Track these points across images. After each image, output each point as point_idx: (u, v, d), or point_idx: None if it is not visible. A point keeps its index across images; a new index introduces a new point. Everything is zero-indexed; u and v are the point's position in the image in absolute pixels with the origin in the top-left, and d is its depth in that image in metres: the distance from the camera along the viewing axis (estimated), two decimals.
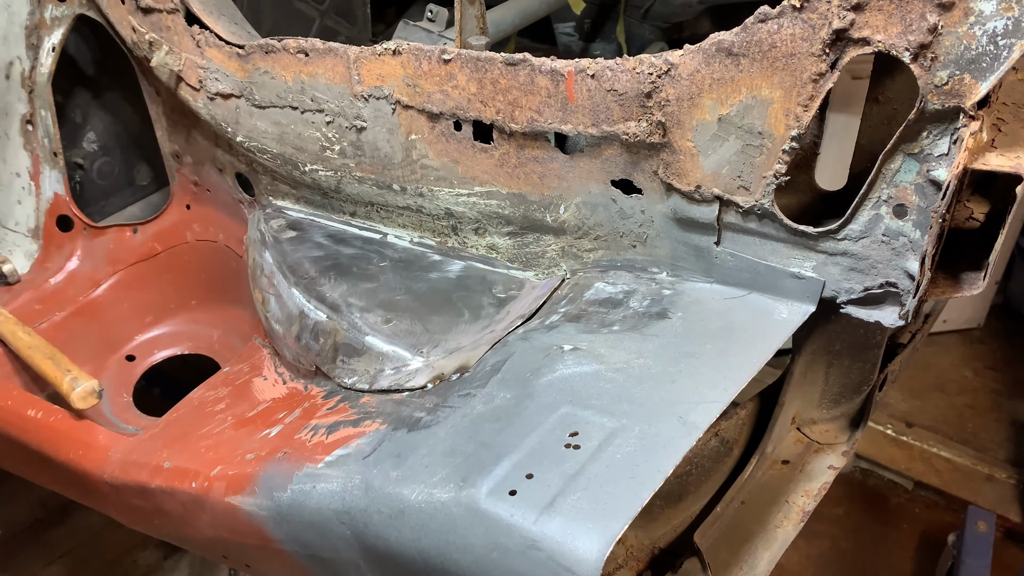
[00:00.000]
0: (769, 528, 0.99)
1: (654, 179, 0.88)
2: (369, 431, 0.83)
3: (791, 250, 0.83)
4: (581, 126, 0.87)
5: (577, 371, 0.80)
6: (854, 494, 2.51)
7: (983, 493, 2.41)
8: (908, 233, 0.75)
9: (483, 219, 1.05)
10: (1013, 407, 2.67)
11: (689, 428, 0.70)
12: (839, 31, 0.69)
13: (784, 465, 1.06)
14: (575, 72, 0.85)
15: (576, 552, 0.61)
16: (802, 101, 0.73)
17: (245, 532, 0.88)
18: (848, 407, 1.06)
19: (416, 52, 0.95)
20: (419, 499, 0.71)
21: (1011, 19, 0.63)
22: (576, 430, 0.72)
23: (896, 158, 0.73)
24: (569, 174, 0.94)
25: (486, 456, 0.72)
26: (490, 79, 0.91)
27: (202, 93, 1.23)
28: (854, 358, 0.99)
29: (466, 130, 0.97)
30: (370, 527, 0.75)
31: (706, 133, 0.80)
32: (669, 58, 0.79)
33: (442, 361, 0.91)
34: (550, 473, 0.68)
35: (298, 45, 1.07)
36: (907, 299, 0.79)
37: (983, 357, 2.87)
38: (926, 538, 2.35)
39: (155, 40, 1.21)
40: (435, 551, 0.69)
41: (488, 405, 0.80)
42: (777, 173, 0.78)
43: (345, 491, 0.77)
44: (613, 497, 0.64)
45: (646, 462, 0.67)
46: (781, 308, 0.85)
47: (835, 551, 2.34)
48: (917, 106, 0.69)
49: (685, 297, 0.90)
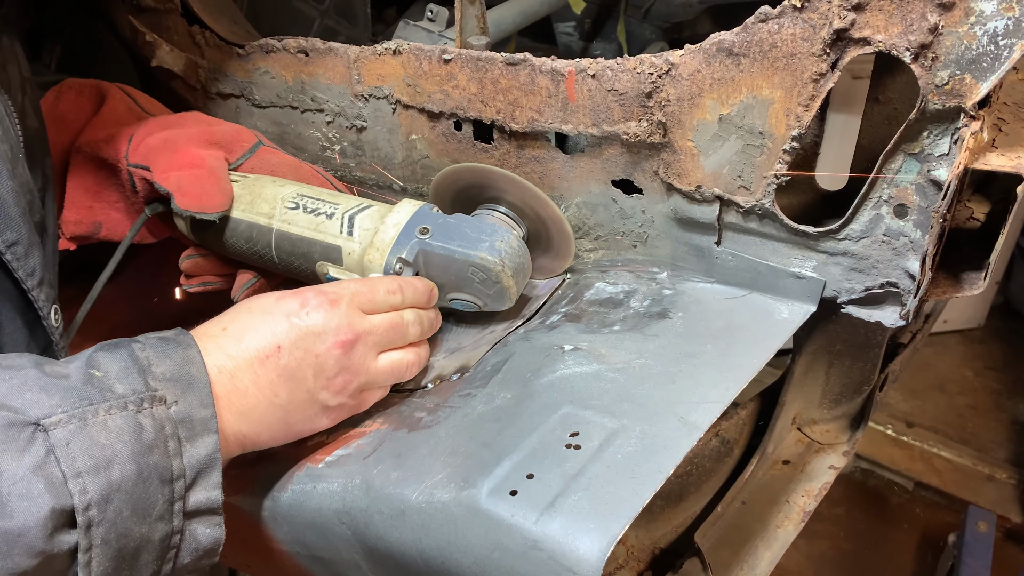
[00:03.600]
0: (770, 528, 0.99)
1: (655, 179, 0.88)
2: (370, 431, 0.83)
3: (792, 250, 0.83)
4: (582, 126, 0.87)
5: (578, 371, 0.80)
6: (854, 494, 2.51)
7: (983, 493, 2.41)
8: (909, 233, 0.75)
9: None
10: (1013, 407, 2.67)
11: (690, 428, 0.70)
12: (840, 31, 0.69)
13: (785, 465, 1.06)
14: (576, 72, 0.85)
15: (577, 552, 0.61)
16: (803, 101, 0.73)
17: (245, 532, 0.88)
18: (849, 407, 1.06)
19: (416, 52, 0.95)
20: (420, 499, 0.71)
21: (1012, 19, 0.63)
22: (577, 430, 0.72)
23: (897, 158, 0.73)
24: (570, 174, 0.94)
25: (487, 456, 0.72)
26: (490, 79, 0.91)
27: (202, 93, 1.23)
28: (855, 358, 0.99)
29: (466, 130, 0.97)
30: (371, 527, 0.74)
31: (707, 133, 0.80)
32: (670, 58, 0.79)
33: (443, 361, 0.91)
34: (551, 473, 0.68)
35: (298, 45, 1.07)
36: (908, 299, 0.79)
37: (983, 357, 2.87)
38: (926, 538, 2.35)
39: (155, 40, 1.21)
40: (436, 551, 0.69)
41: (489, 405, 0.80)
42: (778, 173, 0.78)
43: (346, 491, 0.77)
44: (614, 497, 0.64)
45: (647, 462, 0.67)
46: (782, 308, 0.85)
47: (835, 551, 2.34)
48: (918, 106, 0.69)
49: (686, 297, 0.90)
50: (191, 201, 0.90)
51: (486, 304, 0.90)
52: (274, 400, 0.73)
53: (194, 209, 0.90)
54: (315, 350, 0.75)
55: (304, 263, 0.92)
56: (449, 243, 0.87)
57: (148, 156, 0.93)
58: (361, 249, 0.89)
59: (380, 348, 0.81)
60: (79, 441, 0.59)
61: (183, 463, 0.64)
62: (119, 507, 0.60)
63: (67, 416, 0.59)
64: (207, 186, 0.92)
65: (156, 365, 0.66)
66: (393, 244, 0.88)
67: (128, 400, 0.63)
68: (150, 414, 0.63)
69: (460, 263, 0.87)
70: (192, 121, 0.99)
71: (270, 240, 0.93)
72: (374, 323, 0.80)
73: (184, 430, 0.65)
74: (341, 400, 0.78)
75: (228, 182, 0.95)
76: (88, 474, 0.58)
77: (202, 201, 0.91)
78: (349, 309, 0.78)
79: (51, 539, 0.56)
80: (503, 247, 0.87)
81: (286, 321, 0.74)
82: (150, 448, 0.62)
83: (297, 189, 0.95)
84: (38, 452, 0.57)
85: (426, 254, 0.87)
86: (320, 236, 0.90)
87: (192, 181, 0.91)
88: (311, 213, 0.91)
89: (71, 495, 0.57)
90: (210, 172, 0.93)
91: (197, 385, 0.67)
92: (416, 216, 0.89)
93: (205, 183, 0.92)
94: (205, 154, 0.94)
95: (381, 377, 0.82)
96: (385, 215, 0.90)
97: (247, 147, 0.99)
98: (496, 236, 0.87)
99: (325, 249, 0.90)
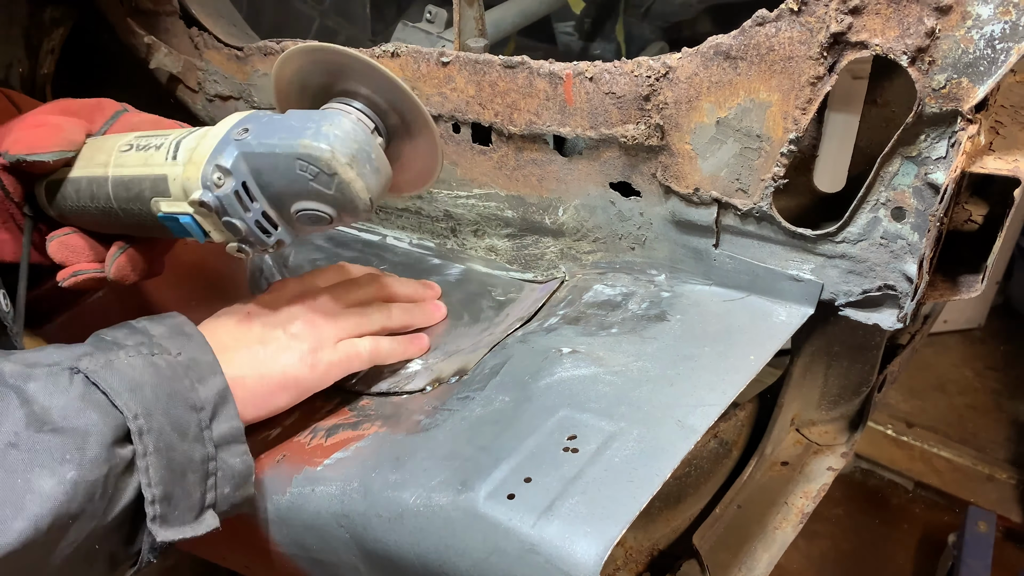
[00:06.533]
0: (768, 530, 0.99)
1: (652, 182, 0.88)
2: (368, 434, 0.84)
3: (789, 252, 0.83)
4: (579, 129, 0.87)
5: (575, 374, 0.80)
6: (854, 495, 2.51)
7: (983, 493, 2.41)
8: (906, 236, 0.75)
9: (482, 221, 1.05)
10: (1013, 407, 2.67)
11: (687, 431, 0.71)
12: (837, 35, 0.69)
13: (783, 466, 1.06)
14: (573, 75, 0.85)
15: (575, 555, 0.61)
16: (800, 104, 0.73)
17: (244, 534, 0.88)
18: (847, 408, 1.06)
19: (414, 54, 0.95)
20: (418, 502, 0.71)
21: (1008, 23, 0.63)
22: (574, 433, 0.72)
23: (894, 161, 0.73)
24: (568, 176, 0.94)
25: (485, 459, 0.72)
26: (488, 81, 0.91)
27: (201, 95, 1.23)
28: (853, 360, 0.99)
29: (464, 132, 0.97)
30: (369, 530, 0.75)
31: (704, 136, 0.80)
32: (667, 61, 0.79)
33: (441, 364, 0.92)
34: (548, 476, 0.68)
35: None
36: (905, 302, 0.79)
37: (983, 357, 2.87)
38: (926, 538, 2.35)
39: (153, 42, 1.21)
40: (434, 555, 0.70)
41: (487, 408, 0.80)
42: (775, 176, 0.78)
43: (344, 494, 0.77)
44: (611, 500, 0.64)
45: (644, 465, 0.67)
46: (780, 310, 0.85)
47: (835, 551, 2.34)
48: (915, 109, 0.69)
49: (684, 299, 0.90)
50: (22, 147, 0.82)
51: (337, 210, 0.77)
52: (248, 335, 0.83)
53: (24, 151, 0.82)
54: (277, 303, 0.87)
55: (140, 206, 0.81)
56: (269, 138, 0.74)
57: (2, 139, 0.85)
58: (182, 170, 0.78)
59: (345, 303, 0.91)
60: (111, 374, 0.68)
61: (200, 398, 0.72)
62: (161, 422, 0.68)
63: (94, 360, 0.68)
64: (44, 133, 0.84)
65: (152, 329, 0.75)
66: (210, 153, 0.76)
67: (140, 348, 0.71)
68: (163, 359, 0.71)
69: (284, 158, 0.74)
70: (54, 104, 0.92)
71: (107, 190, 0.83)
72: None
73: (194, 373, 0.72)
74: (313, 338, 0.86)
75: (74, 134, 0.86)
76: (127, 393, 0.67)
77: (32, 144, 0.83)
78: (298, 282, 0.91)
79: (112, 449, 0.65)
80: (331, 131, 0.74)
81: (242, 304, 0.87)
82: (171, 380, 0.70)
83: (137, 134, 0.84)
84: (79, 386, 0.66)
85: (248, 156, 0.75)
86: (149, 170, 0.80)
87: (30, 132, 0.84)
88: (142, 150, 0.81)
89: (119, 410, 0.66)
90: (51, 126, 0.85)
91: (194, 339, 0.76)
92: (240, 122, 0.77)
93: (41, 132, 0.84)
94: (57, 120, 0.86)
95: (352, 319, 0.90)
96: (211, 129, 0.79)
97: (108, 115, 0.91)
98: (324, 121, 0.75)
99: (154, 182, 0.79)
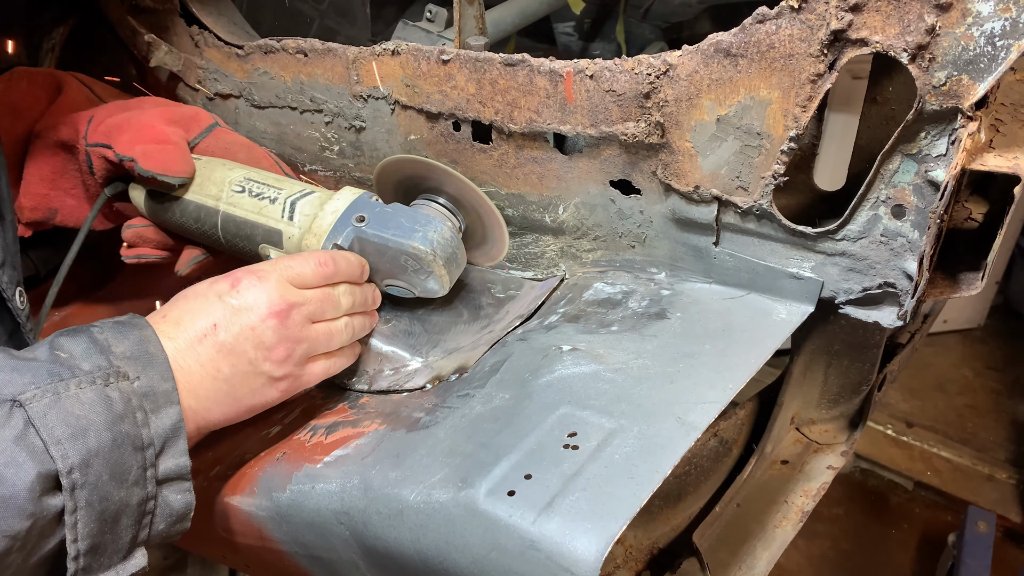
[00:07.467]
0: (768, 528, 0.99)
1: (653, 180, 0.88)
2: (368, 431, 0.84)
3: (790, 250, 0.83)
4: (580, 127, 0.87)
5: (575, 371, 0.80)
6: (854, 494, 2.51)
7: (983, 493, 2.41)
8: (906, 234, 0.75)
9: None
10: (1013, 407, 2.67)
11: (688, 428, 0.71)
12: (837, 32, 0.69)
13: (783, 465, 1.06)
14: (574, 72, 0.85)
15: (575, 552, 0.61)
16: (800, 102, 0.73)
17: (245, 532, 0.88)
18: (847, 407, 1.06)
19: (415, 52, 0.95)
20: (418, 499, 0.71)
21: (1009, 20, 0.63)
22: (575, 430, 0.72)
23: (894, 159, 0.73)
24: (568, 175, 0.94)
25: (485, 456, 0.72)
26: (489, 79, 0.91)
27: (201, 93, 1.23)
28: (853, 358, 0.99)
29: (465, 130, 0.97)
30: (369, 527, 0.75)
31: (704, 134, 0.80)
32: (667, 59, 0.79)
33: (441, 361, 0.92)
34: (549, 473, 0.68)
35: (297, 45, 1.07)
36: (905, 300, 0.79)
37: (983, 357, 2.87)
38: (926, 538, 2.35)
39: (154, 40, 1.21)
40: (434, 551, 0.70)
41: (487, 405, 0.80)
42: (775, 173, 0.78)
43: (344, 491, 0.77)
44: (612, 497, 0.64)
45: (644, 462, 0.67)
46: (780, 308, 0.85)
47: (835, 551, 2.34)
48: (915, 107, 0.69)
49: (684, 297, 0.90)
50: (155, 164, 0.94)
51: (420, 291, 0.93)
52: (217, 375, 0.76)
53: (158, 170, 0.94)
54: (250, 323, 0.78)
55: (248, 244, 0.96)
56: (384, 231, 0.90)
57: (109, 134, 0.97)
58: (300, 234, 0.93)
59: (314, 318, 0.84)
60: (55, 413, 0.62)
61: (151, 432, 0.68)
62: (99, 471, 0.63)
63: (41, 391, 0.63)
64: (171, 154, 0.96)
65: (115, 345, 0.69)
66: (330, 231, 0.91)
67: (95, 375, 0.66)
68: (117, 388, 0.67)
69: (394, 251, 0.90)
70: (151, 103, 1.04)
71: (217, 221, 0.96)
72: (306, 295, 0.83)
73: (149, 403, 0.68)
74: (286, 370, 0.81)
75: (190, 155, 0.99)
76: (67, 441, 0.62)
77: (167, 165, 0.94)
78: (279, 283, 0.81)
79: (40, 501, 0.60)
80: (435, 237, 0.90)
81: (219, 301, 0.78)
82: (120, 418, 0.66)
83: (245, 173, 0.98)
84: (17, 425, 0.60)
85: (361, 241, 0.91)
86: (263, 220, 0.94)
87: (157, 150, 0.95)
88: (256, 197, 0.95)
89: (53, 460, 0.61)
90: (175, 144, 0.97)
91: (156, 361, 0.71)
92: (354, 204, 0.93)
93: (170, 151, 0.96)
94: (167, 130, 0.98)
95: (321, 341, 0.84)
96: (325, 202, 0.94)
97: (204, 127, 1.03)
98: (430, 227, 0.91)
99: (267, 232, 0.94)
